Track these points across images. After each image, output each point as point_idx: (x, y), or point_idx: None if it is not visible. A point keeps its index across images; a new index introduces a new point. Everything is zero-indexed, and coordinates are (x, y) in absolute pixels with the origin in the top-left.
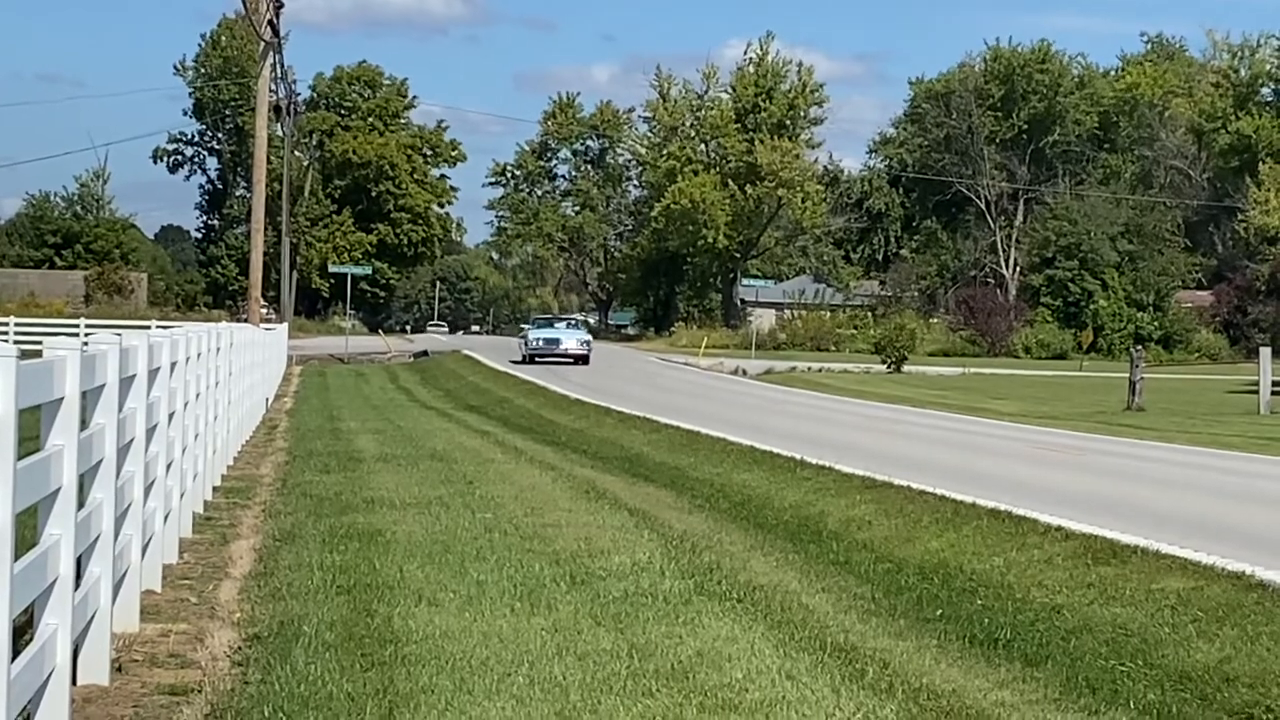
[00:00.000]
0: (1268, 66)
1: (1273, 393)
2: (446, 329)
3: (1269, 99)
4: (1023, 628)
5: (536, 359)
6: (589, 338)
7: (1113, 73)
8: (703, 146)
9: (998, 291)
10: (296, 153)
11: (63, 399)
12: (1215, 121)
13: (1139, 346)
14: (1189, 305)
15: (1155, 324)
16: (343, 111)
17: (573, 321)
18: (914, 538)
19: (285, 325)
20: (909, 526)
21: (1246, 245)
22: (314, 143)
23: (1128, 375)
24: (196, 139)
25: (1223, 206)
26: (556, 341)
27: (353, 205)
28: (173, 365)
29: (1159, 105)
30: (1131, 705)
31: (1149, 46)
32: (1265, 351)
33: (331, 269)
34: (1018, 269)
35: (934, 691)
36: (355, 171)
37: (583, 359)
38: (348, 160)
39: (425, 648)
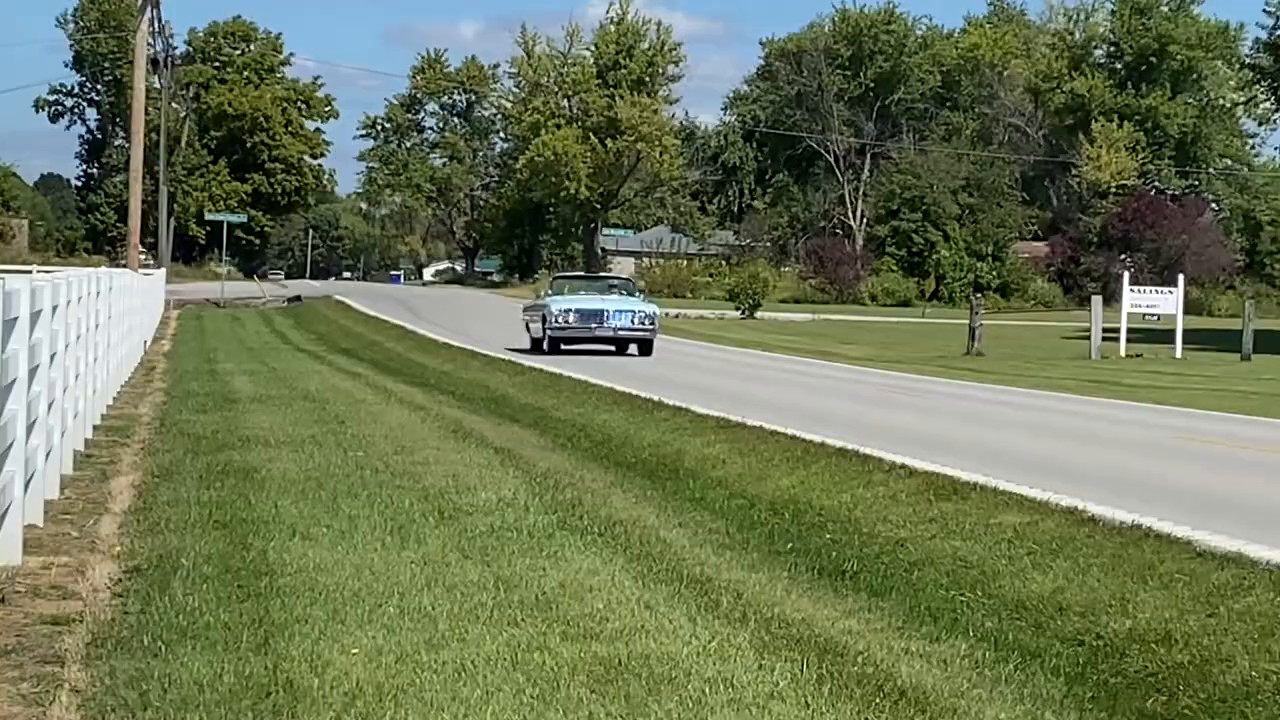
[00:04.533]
0: (1100, 30)
1: (1103, 339)
2: (283, 276)
3: (1101, 60)
4: (868, 560)
5: (564, 346)
6: (653, 310)
7: (955, 34)
8: (565, 102)
9: (845, 242)
10: (174, 104)
11: None
12: (1051, 82)
13: (978, 294)
14: (1025, 255)
15: (994, 273)
16: (218, 65)
17: (618, 283)
18: (766, 475)
19: (163, 271)
20: (761, 465)
21: (1079, 199)
22: (191, 95)
23: (968, 322)
24: (76, 90)
25: (1057, 162)
26: (599, 316)
27: (228, 155)
28: (54, 308)
29: (998, 66)
30: (970, 633)
31: (991, 9)
32: (1096, 300)
33: (208, 217)
34: (864, 220)
35: (785, 620)
36: (231, 123)
37: (644, 345)
38: (223, 112)
39: (299, 580)
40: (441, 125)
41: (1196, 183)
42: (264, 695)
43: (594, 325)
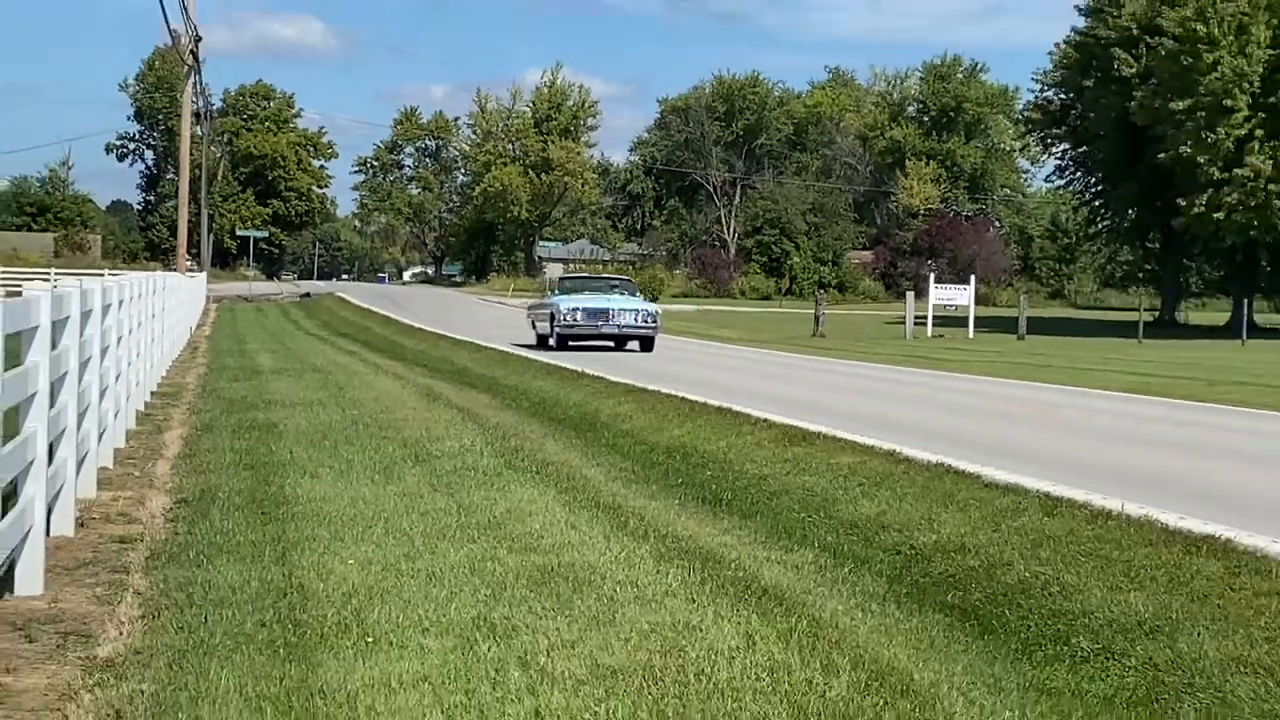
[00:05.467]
0: (912, 91)
1: (915, 324)
2: (296, 278)
3: (913, 114)
4: (739, 491)
5: (571, 343)
6: (655, 309)
7: (803, 94)
8: (510, 145)
9: (722, 251)
10: (212, 148)
11: (38, 327)
12: (875, 131)
13: (821, 290)
14: (857, 261)
15: (833, 275)
16: (246, 117)
17: (619, 283)
18: (663, 428)
19: (204, 274)
20: (659, 420)
21: (897, 219)
22: (225, 140)
23: (814, 311)
24: (137, 137)
25: (880, 191)
26: (604, 314)
27: (254, 186)
28: (120, 302)
29: (836, 118)
30: (816, 545)
31: (830, 75)
32: (910, 295)
33: (239, 233)
34: (736, 235)
35: (677, 536)
36: (255, 162)
37: (645, 342)
38: (250, 154)
39: (309, 508)
40: (416, 163)
41: (984, 207)
42: (281, 595)
43: (600, 323)
